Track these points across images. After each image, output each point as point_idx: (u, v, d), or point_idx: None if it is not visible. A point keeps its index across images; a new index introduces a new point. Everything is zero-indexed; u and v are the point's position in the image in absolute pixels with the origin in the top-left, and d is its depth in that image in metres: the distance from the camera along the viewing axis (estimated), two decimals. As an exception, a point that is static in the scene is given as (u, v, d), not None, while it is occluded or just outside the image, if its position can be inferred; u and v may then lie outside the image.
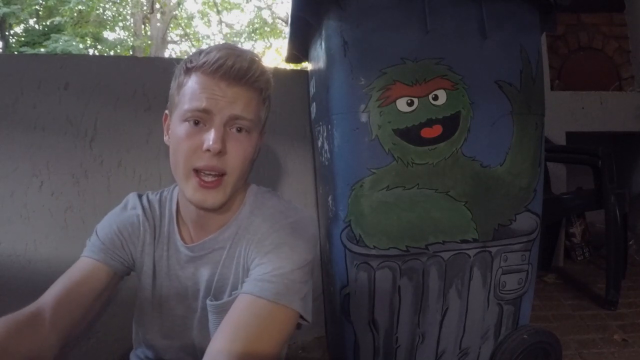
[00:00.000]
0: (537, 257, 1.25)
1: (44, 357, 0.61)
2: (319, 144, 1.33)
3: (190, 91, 0.65)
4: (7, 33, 9.07)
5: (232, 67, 0.63)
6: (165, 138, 0.73)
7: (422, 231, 1.12)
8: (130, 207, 0.78)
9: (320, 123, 1.29)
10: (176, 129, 0.66)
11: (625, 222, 1.86)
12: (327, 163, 1.24)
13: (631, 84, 2.82)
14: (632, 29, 2.87)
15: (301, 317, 0.66)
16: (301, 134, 1.60)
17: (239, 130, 0.66)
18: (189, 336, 0.76)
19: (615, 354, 1.46)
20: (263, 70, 0.67)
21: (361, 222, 1.12)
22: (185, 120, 0.65)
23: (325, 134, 1.23)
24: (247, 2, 11.60)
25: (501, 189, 1.16)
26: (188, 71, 0.67)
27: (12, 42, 9.15)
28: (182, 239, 0.75)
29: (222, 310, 0.68)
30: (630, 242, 2.49)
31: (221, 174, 0.65)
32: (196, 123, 0.64)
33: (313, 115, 1.45)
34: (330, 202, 1.23)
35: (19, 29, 9.46)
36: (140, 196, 0.80)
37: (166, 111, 0.74)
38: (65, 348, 0.65)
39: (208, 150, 0.63)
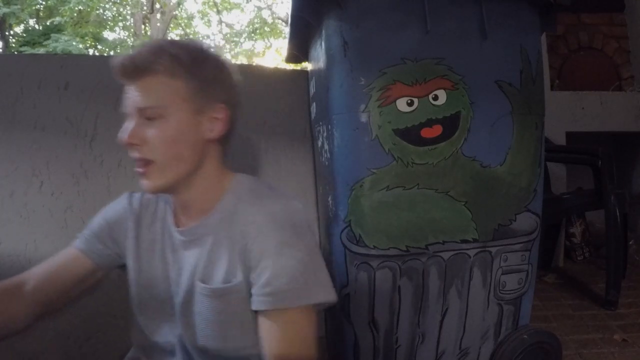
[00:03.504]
0: (537, 257, 1.25)
1: (18, 322, 0.69)
2: (319, 144, 1.33)
3: None
4: (7, 33, 9.08)
5: (122, 65, 0.68)
6: None
7: (422, 231, 1.12)
8: (119, 200, 0.83)
9: (320, 123, 1.29)
10: None
11: (625, 222, 1.86)
12: (327, 163, 1.24)
13: (631, 84, 2.82)
14: (632, 29, 2.87)
15: None
16: (301, 134, 1.59)
17: (150, 119, 0.67)
18: (173, 319, 0.76)
19: (615, 354, 1.46)
20: (158, 50, 0.67)
21: (361, 222, 1.12)
22: None
23: (325, 134, 1.23)
24: (247, 2, 11.63)
25: (501, 189, 1.16)
26: None
27: (12, 42, 9.16)
28: (176, 223, 0.77)
29: (219, 296, 0.68)
30: (630, 242, 2.49)
31: (147, 163, 0.67)
32: None
33: (313, 115, 1.45)
34: (330, 202, 1.23)
35: (19, 29, 9.47)
36: (132, 193, 0.83)
37: None
38: (39, 321, 0.72)
39: None
